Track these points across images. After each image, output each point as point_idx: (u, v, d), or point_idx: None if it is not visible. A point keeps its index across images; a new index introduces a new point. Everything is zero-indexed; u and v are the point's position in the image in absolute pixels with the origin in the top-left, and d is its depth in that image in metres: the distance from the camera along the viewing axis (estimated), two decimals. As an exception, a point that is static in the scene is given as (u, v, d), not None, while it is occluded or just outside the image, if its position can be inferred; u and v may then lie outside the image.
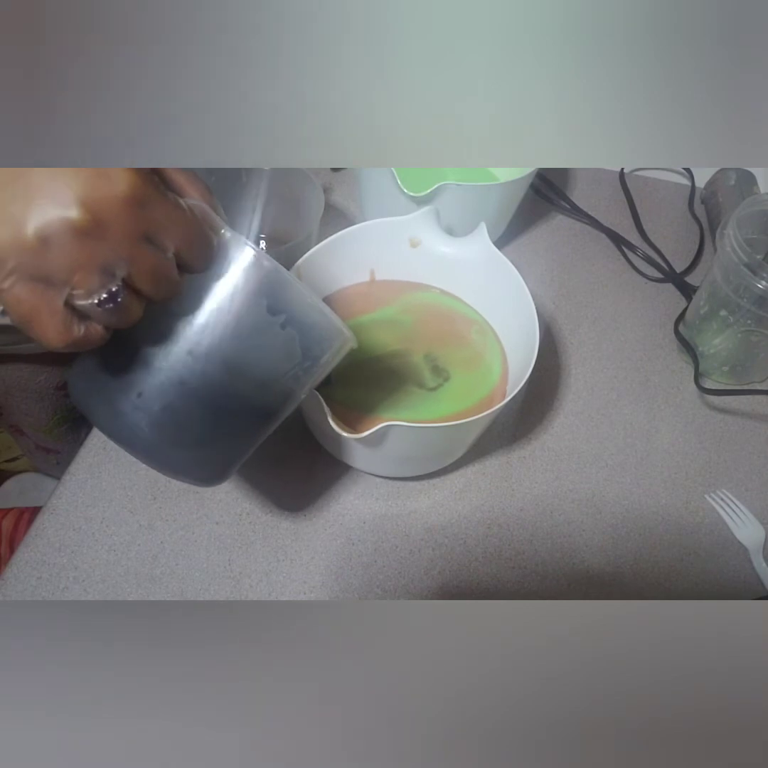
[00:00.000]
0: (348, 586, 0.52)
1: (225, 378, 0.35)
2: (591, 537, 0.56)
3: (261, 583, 0.51)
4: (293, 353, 0.37)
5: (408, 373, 0.55)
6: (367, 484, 0.56)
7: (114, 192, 0.27)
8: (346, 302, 0.58)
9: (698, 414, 0.65)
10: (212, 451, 0.39)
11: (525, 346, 0.52)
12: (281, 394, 0.39)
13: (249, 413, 0.38)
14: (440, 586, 0.52)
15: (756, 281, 0.56)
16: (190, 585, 0.51)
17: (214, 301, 0.34)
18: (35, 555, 0.51)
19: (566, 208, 0.80)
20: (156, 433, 0.35)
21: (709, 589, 0.54)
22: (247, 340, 0.35)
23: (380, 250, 0.58)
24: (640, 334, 0.70)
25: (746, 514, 0.58)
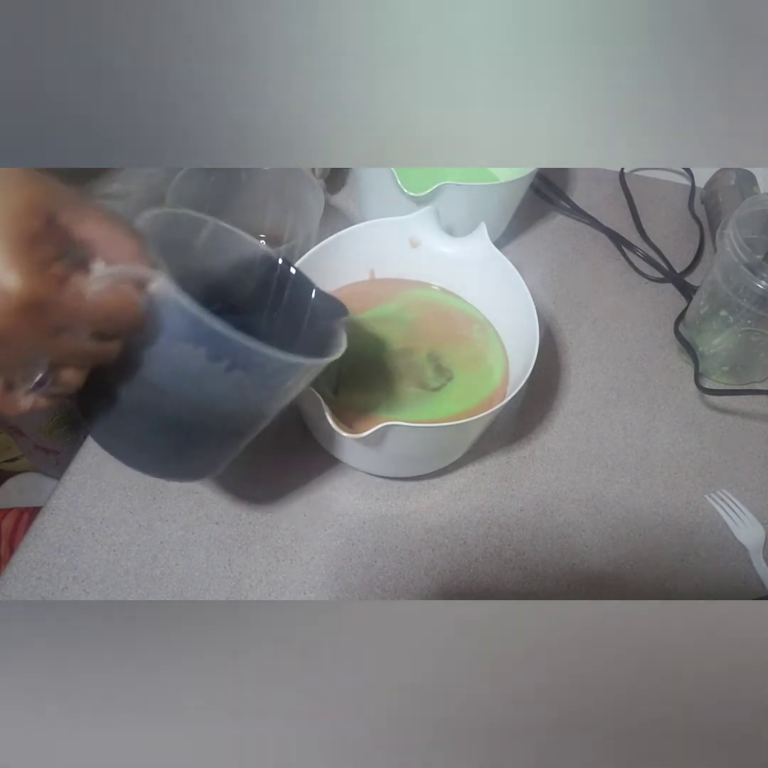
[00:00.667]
0: (348, 586, 0.52)
1: (187, 414, 0.36)
2: (591, 537, 0.56)
3: (261, 583, 0.51)
4: (246, 392, 0.37)
5: (411, 372, 0.55)
6: (367, 484, 0.56)
7: (7, 307, 0.27)
8: (346, 300, 0.58)
9: (698, 414, 0.65)
10: (193, 461, 0.41)
11: (525, 346, 0.52)
12: (249, 418, 0.39)
13: (220, 433, 0.39)
14: (440, 587, 0.52)
15: (756, 281, 0.56)
16: (190, 585, 0.51)
17: (153, 354, 0.34)
18: (35, 555, 0.51)
19: (566, 208, 0.80)
20: (142, 448, 0.39)
21: (709, 589, 0.54)
22: (196, 385, 0.35)
23: (380, 250, 0.58)
24: (640, 334, 0.70)
25: (746, 514, 0.58)
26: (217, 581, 0.51)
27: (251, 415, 0.39)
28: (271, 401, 0.39)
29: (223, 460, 0.42)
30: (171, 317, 0.33)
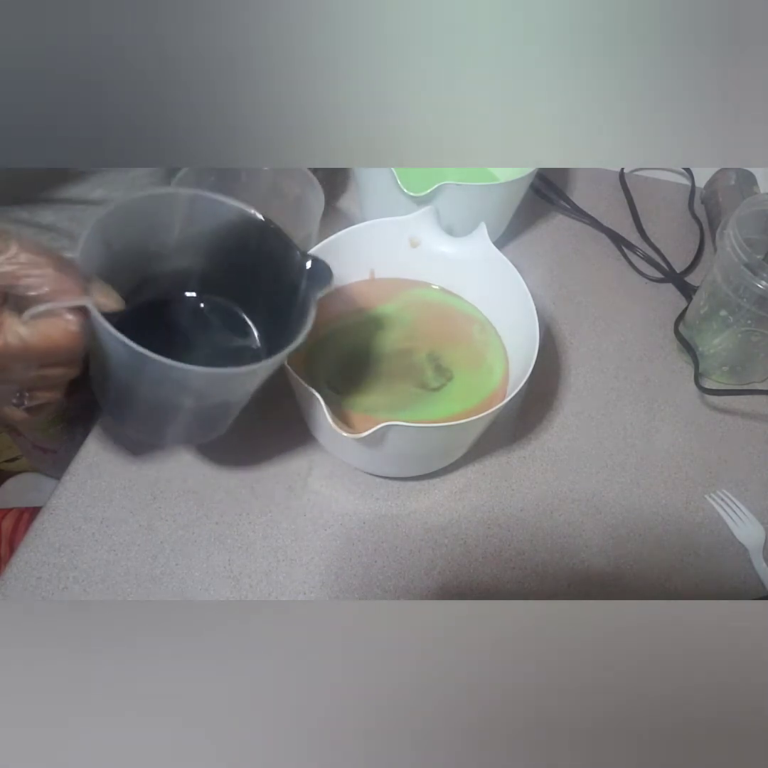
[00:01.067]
0: (348, 586, 0.52)
1: (160, 405, 0.41)
2: (591, 537, 0.56)
3: (261, 583, 0.51)
4: (197, 394, 0.40)
5: (411, 372, 0.55)
6: (367, 484, 0.56)
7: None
8: (346, 299, 0.58)
9: (698, 414, 0.65)
10: (183, 433, 0.47)
11: (525, 346, 0.52)
12: (216, 408, 0.42)
13: (197, 417, 0.43)
14: (440, 586, 0.52)
15: (756, 281, 0.56)
16: (190, 585, 0.51)
17: (113, 364, 0.37)
18: (35, 555, 0.51)
19: (566, 208, 0.80)
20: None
21: (709, 589, 0.54)
22: (154, 390, 0.39)
23: (380, 250, 0.58)
24: (640, 334, 0.70)
25: (746, 514, 0.58)
26: (217, 581, 0.51)
27: (217, 405, 0.42)
28: (230, 395, 0.41)
29: (215, 430, 0.45)
30: (108, 341, 0.35)
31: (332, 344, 0.56)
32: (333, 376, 0.54)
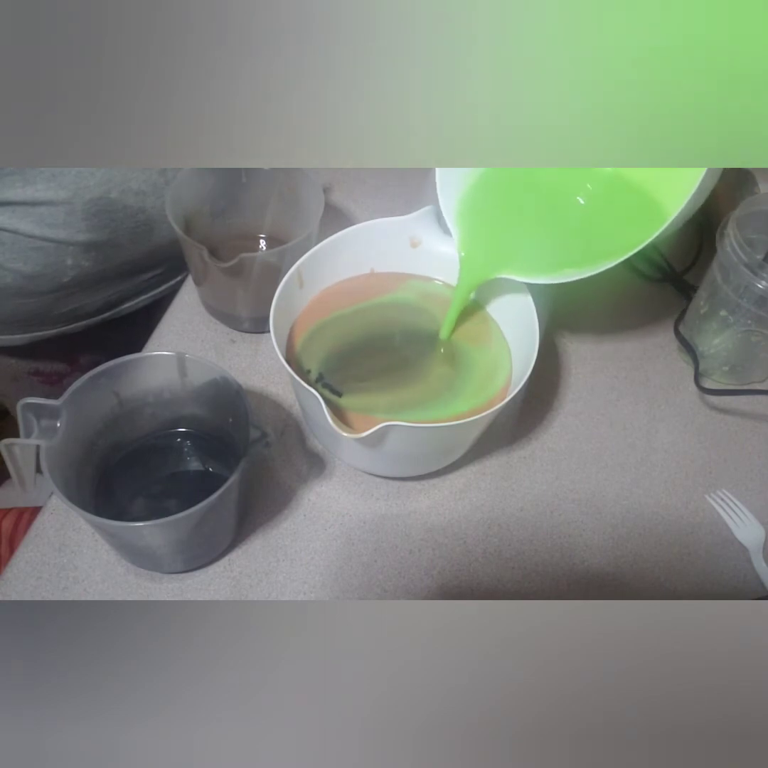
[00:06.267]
0: (348, 586, 0.52)
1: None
2: (591, 537, 0.56)
3: (261, 583, 0.51)
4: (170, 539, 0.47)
5: (412, 371, 0.55)
6: (367, 484, 0.56)
7: None
8: (346, 292, 0.58)
9: (698, 414, 0.65)
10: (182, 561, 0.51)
11: (525, 346, 0.52)
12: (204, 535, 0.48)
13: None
14: (440, 586, 0.52)
15: (756, 281, 0.56)
16: (190, 585, 0.51)
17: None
18: (35, 555, 0.51)
19: (566, 208, 0.80)
20: None
21: (709, 589, 0.54)
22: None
23: (380, 250, 0.58)
24: (640, 334, 0.70)
25: (746, 514, 0.58)
26: (217, 581, 0.51)
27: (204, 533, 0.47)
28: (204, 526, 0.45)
29: (218, 545, 0.51)
30: None
31: (330, 333, 0.55)
32: (329, 368, 0.53)
